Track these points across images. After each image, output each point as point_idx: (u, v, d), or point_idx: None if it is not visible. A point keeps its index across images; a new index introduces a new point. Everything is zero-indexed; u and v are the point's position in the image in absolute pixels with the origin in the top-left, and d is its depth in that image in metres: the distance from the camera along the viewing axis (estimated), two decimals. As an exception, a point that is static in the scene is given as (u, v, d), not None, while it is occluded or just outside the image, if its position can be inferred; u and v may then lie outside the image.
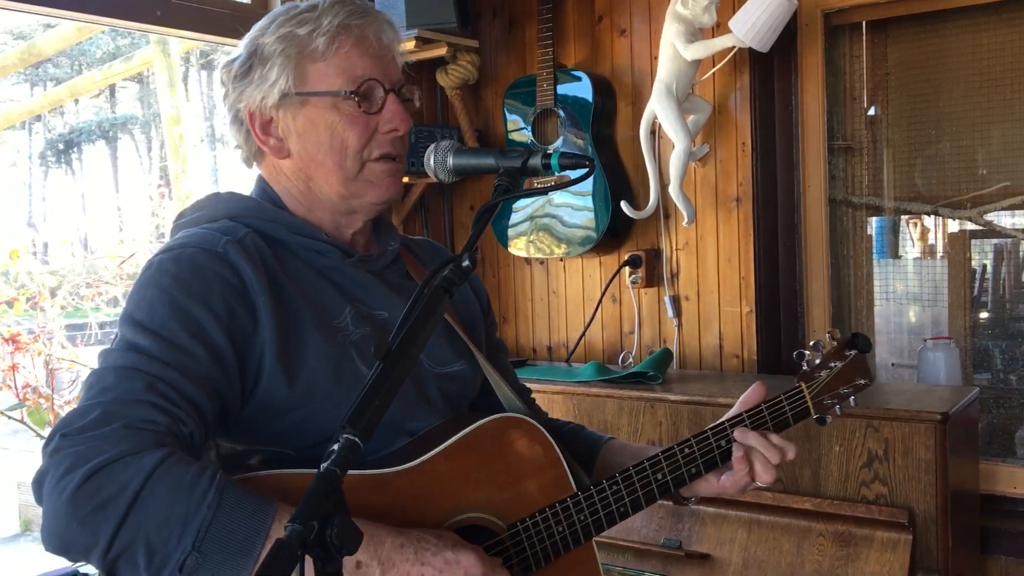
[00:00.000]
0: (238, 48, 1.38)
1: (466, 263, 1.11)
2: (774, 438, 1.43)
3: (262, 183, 1.41)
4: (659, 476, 1.41)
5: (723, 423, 1.46)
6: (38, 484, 1.07)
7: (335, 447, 0.92)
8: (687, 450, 1.43)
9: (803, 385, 1.48)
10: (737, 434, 1.43)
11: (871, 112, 3.05)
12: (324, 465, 0.90)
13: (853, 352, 1.50)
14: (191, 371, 1.15)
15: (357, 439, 0.93)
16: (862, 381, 1.50)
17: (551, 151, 1.23)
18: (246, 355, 1.22)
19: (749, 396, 1.49)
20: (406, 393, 1.33)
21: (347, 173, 1.34)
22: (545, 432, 1.39)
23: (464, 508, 1.28)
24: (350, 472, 1.16)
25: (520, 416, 1.39)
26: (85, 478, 1.03)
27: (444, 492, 1.26)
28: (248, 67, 1.34)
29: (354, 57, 1.32)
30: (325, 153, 1.34)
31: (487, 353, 1.56)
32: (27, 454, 6.93)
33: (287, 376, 1.23)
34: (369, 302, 1.36)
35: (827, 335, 1.51)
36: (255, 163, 1.43)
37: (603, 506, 1.36)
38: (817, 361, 1.50)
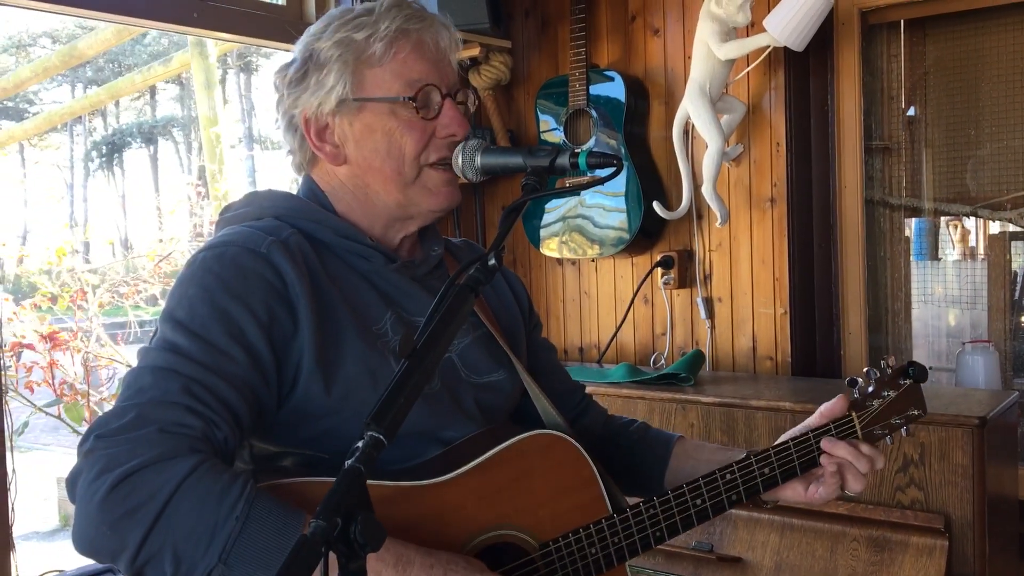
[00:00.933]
0: (292, 53, 1.37)
1: (492, 262, 1.10)
2: (864, 447, 1.40)
3: (311, 183, 1.40)
4: (698, 502, 1.37)
5: (786, 443, 1.43)
6: (72, 483, 1.08)
7: (359, 444, 0.92)
8: (728, 476, 1.39)
9: (854, 414, 1.44)
10: (826, 444, 1.40)
11: (910, 112, 3.01)
12: (348, 462, 0.90)
13: (908, 382, 1.46)
14: (228, 374, 1.15)
15: (381, 436, 0.93)
16: (915, 412, 1.46)
17: (579, 150, 1.22)
18: (285, 358, 1.21)
19: (831, 409, 1.45)
20: (440, 401, 1.32)
21: (405, 179, 1.33)
22: (582, 450, 1.36)
23: (496, 525, 1.26)
24: (382, 483, 1.18)
25: (557, 433, 1.36)
26: (116, 482, 1.03)
27: (476, 508, 1.24)
28: (304, 72, 1.33)
29: (412, 62, 1.31)
30: (383, 159, 1.33)
31: (532, 356, 1.54)
32: (66, 450, 7.05)
33: (325, 381, 1.22)
34: (409, 308, 1.35)
35: (882, 362, 1.47)
36: (307, 169, 1.41)
37: (639, 530, 1.33)
38: (870, 389, 1.46)
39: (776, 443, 1.42)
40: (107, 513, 1.03)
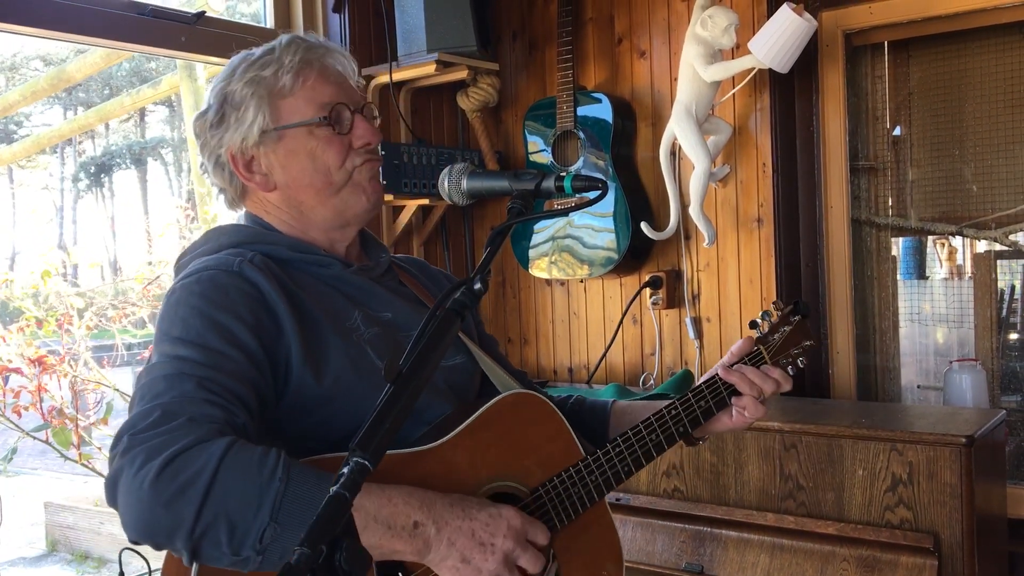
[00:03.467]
0: (205, 100, 1.49)
1: (478, 286, 1.11)
2: (771, 371, 1.56)
3: (251, 216, 1.51)
4: (653, 437, 1.52)
5: (700, 385, 1.57)
6: (112, 484, 1.14)
7: (344, 470, 0.92)
8: (673, 412, 1.53)
9: (761, 348, 1.61)
10: (721, 371, 1.56)
11: (896, 132, 3.03)
12: (333, 489, 0.90)
13: (797, 317, 1.64)
14: (231, 370, 1.24)
15: (367, 462, 0.93)
16: (807, 343, 1.64)
17: (564, 173, 1.26)
18: (275, 357, 1.30)
19: (740, 347, 1.60)
20: None
21: (336, 186, 1.45)
22: (548, 402, 1.49)
23: (491, 478, 1.39)
24: (391, 452, 1.25)
25: (528, 392, 1.48)
26: (163, 466, 1.10)
27: (471, 465, 1.37)
28: (222, 115, 1.45)
29: (319, 87, 1.44)
30: (311, 175, 1.44)
31: (481, 346, 1.65)
32: (54, 474, 7.00)
33: (315, 374, 1.32)
34: (373, 305, 1.47)
35: (772, 305, 1.66)
36: (241, 203, 1.53)
37: (610, 466, 1.47)
38: (767, 328, 1.64)
39: (698, 384, 1.58)
40: (159, 494, 1.10)
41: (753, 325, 1.66)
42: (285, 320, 1.32)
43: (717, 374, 1.57)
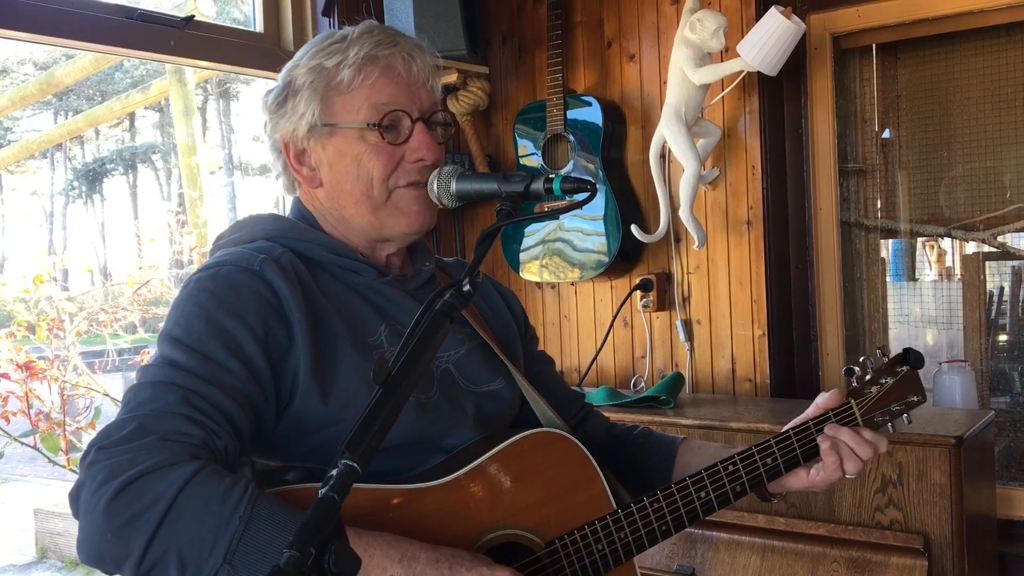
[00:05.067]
0: (278, 78, 1.41)
1: (467, 288, 1.11)
2: (866, 433, 1.40)
3: (299, 205, 1.43)
4: (702, 495, 1.36)
5: (786, 432, 1.42)
6: (75, 497, 1.08)
7: (333, 472, 0.92)
8: (731, 467, 1.38)
9: (852, 402, 1.43)
10: (829, 429, 1.39)
11: (885, 135, 3.05)
12: (322, 491, 0.90)
13: (905, 368, 1.45)
14: (227, 385, 1.16)
15: (355, 464, 0.93)
16: (915, 398, 1.46)
17: (553, 176, 1.23)
18: (281, 371, 1.23)
19: (826, 400, 1.45)
20: (440, 410, 1.33)
21: (375, 202, 1.35)
22: (582, 447, 1.36)
23: (500, 525, 1.26)
24: (384, 487, 1.19)
25: (556, 431, 1.36)
26: (119, 489, 1.03)
27: (480, 508, 1.25)
28: (283, 98, 1.38)
29: (380, 87, 1.33)
30: (352, 183, 1.35)
31: (530, 367, 1.56)
32: (43, 480, 6.96)
33: (321, 392, 1.23)
34: (403, 320, 1.36)
35: (877, 351, 1.48)
36: (295, 191, 1.45)
37: (644, 524, 1.32)
38: (867, 377, 1.45)
39: (777, 434, 1.42)
40: (111, 520, 1.03)
41: (849, 373, 1.47)
42: (299, 330, 1.24)
43: (811, 427, 1.41)
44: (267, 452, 1.27)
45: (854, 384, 1.46)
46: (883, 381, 1.45)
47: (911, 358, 1.45)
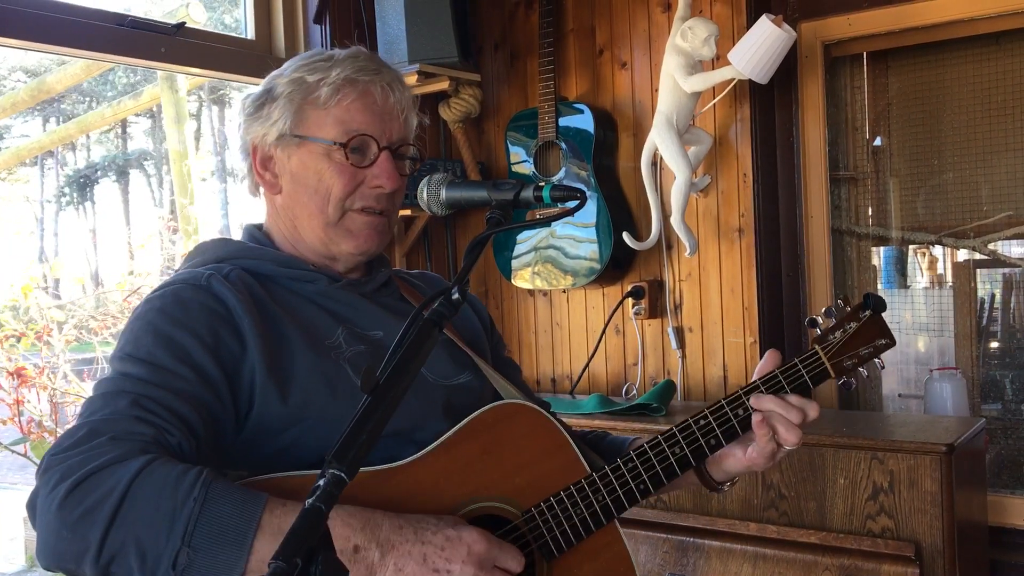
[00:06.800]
0: (261, 84, 1.46)
1: (456, 296, 1.10)
2: (791, 398, 1.38)
3: (251, 229, 1.48)
4: (676, 450, 1.36)
5: (737, 392, 1.41)
6: (32, 504, 1.08)
7: (320, 482, 0.91)
8: (702, 421, 1.38)
9: (817, 347, 1.43)
10: (752, 400, 1.38)
11: (876, 143, 3.05)
12: (309, 501, 0.89)
13: (867, 312, 1.44)
14: (176, 389, 1.17)
15: (343, 474, 0.92)
16: (883, 341, 1.44)
17: (543, 183, 1.24)
18: (237, 377, 1.24)
19: (763, 364, 1.44)
20: (409, 404, 1.32)
21: (328, 219, 1.39)
22: (547, 415, 1.36)
23: (474, 498, 1.26)
24: None
25: (519, 402, 1.37)
26: (72, 487, 1.04)
27: (451, 483, 1.25)
28: (261, 103, 1.42)
29: (354, 111, 1.37)
30: (310, 196, 1.39)
31: (498, 371, 1.56)
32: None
33: (279, 391, 1.25)
34: (361, 323, 1.39)
35: (838, 300, 1.46)
36: (257, 194, 1.49)
37: (620, 484, 1.33)
38: (831, 325, 1.45)
39: (709, 404, 1.42)
40: (66, 518, 1.03)
41: (812, 324, 1.45)
42: (250, 337, 1.25)
43: (740, 395, 1.40)
44: (235, 461, 1.27)
45: (818, 332, 1.45)
46: (847, 327, 1.44)
47: (871, 302, 1.44)
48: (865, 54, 2.96)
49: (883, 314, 1.47)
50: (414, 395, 1.34)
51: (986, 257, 2.95)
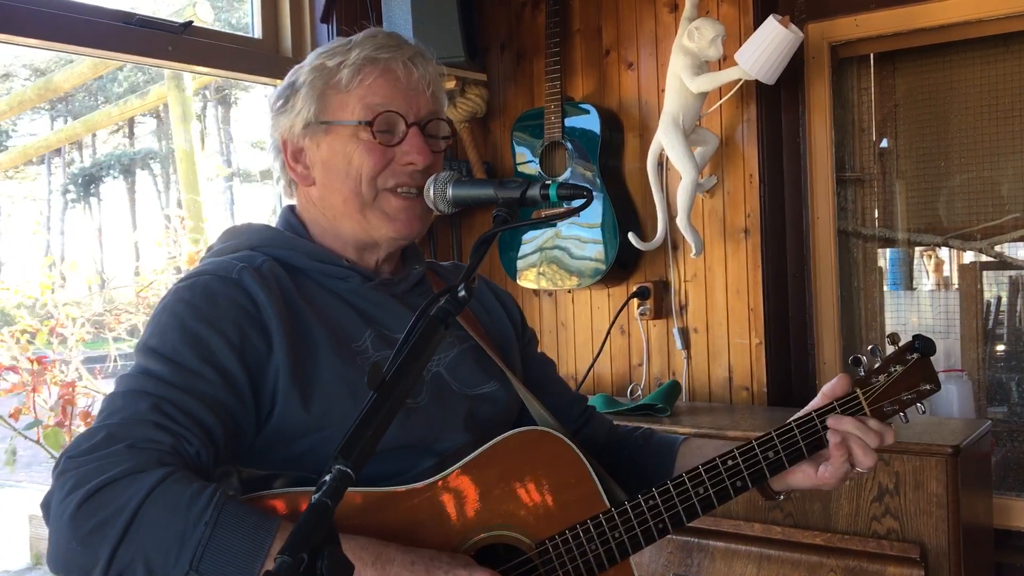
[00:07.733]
0: (284, 79, 1.43)
1: (462, 294, 1.10)
2: (871, 422, 1.34)
3: (287, 213, 1.44)
4: (700, 491, 1.32)
5: (751, 442, 1.37)
6: (46, 506, 1.09)
7: (327, 478, 0.91)
8: (730, 462, 1.33)
9: (859, 391, 1.37)
10: (831, 421, 1.33)
11: (883, 144, 3.05)
12: (315, 496, 0.89)
13: (915, 356, 1.38)
14: (199, 392, 1.16)
15: (349, 470, 0.92)
16: (928, 387, 1.38)
17: (550, 182, 1.23)
18: (261, 378, 1.23)
19: (832, 388, 1.39)
20: (429, 414, 1.32)
21: (363, 200, 1.35)
22: (572, 445, 1.33)
23: (488, 526, 1.24)
24: (366, 489, 1.19)
25: (544, 429, 1.34)
26: (86, 498, 1.04)
27: (466, 509, 1.23)
28: (286, 97, 1.39)
29: (377, 89, 1.35)
30: (342, 181, 1.36)
31: (530, 369, 1.55)
32: (39, 487, 6.94)
33: (302, 398, 1.23)
34: (390, 325, 1.36)
35: (886, 339, 1.41)
36: (292, 194, 1.46)
37: (639, 523, 1.29)
38: (875, 366, 1.39)
39: (778, 427, 1.37)
40: (77, 529, 1.03)
41: (856, 363, 1.39)
42: (277, 338, 1.23)
43: (815, 418, 1.35)
44: (252, 461, 1.26)
45: (861, 374, 1.40)
46: (892, 369, 1.38)
47: (920, 345, 1.38)
48: (872, 55, 2.95)
49: (930, 356, 1.40)
50: (435, 404, 1.34)
51: (992, 259, 2.94)
